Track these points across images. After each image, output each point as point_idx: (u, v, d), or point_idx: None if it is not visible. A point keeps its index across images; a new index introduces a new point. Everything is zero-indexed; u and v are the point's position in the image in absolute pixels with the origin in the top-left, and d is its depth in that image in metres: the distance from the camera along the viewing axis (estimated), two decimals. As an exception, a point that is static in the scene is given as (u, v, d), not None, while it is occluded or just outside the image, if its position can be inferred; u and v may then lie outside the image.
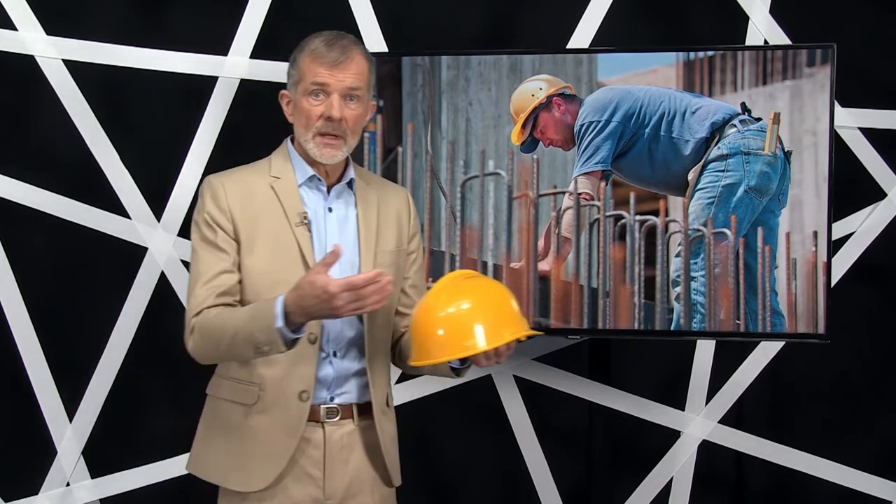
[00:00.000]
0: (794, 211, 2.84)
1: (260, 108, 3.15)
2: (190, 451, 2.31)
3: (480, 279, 2.15)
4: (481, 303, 2.04)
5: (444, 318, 2.02)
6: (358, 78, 2.16)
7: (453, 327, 2.01)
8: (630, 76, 2.87)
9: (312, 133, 2.16)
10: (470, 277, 2.12)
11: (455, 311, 2.02)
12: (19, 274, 3.18)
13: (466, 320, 2.01)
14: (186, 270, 3.16)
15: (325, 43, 2.15)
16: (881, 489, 3.24)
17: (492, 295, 2.08)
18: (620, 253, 2.87)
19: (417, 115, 2.91)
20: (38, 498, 3.22)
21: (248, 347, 2.05)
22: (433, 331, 2.02)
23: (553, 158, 2.88)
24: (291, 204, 2.18)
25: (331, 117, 2.14)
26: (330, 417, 2.19)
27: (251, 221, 2.16)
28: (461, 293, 2.05)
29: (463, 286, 2.07)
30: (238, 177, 2.22)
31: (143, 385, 3.23)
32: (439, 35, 3.18)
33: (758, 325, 2.85)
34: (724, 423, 3.25)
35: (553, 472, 3.26)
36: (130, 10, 3.19)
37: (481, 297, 2.06)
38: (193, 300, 2.14)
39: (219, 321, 2.08)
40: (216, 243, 2.16)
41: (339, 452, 2.20)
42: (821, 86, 2.82)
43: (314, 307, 1.98)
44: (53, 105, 3.14)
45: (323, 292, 1.94)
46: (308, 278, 1.97)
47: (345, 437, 2.20)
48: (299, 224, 2.17)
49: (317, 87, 2.15)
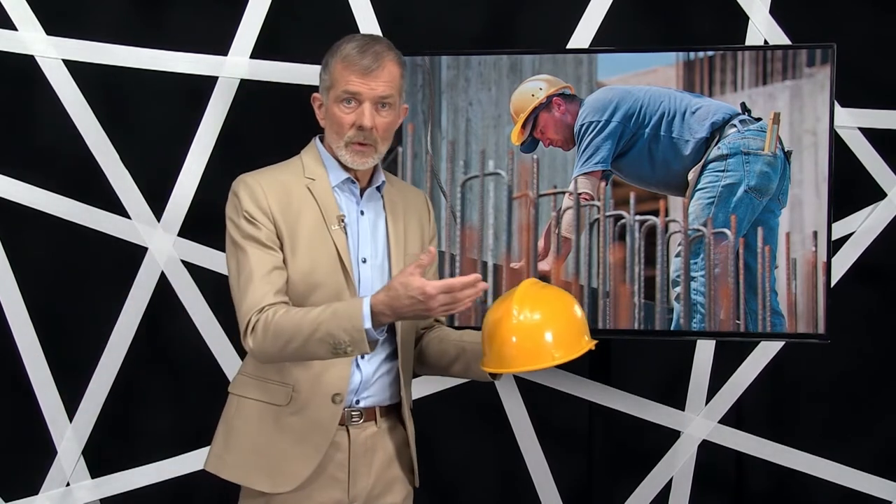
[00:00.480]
0: (794, 211, 2.84)
1: (260, 108, 3.16)
2: (209, 449, 2.27)
3: (551, 288, 2.15)
4: (558, 313, 2.06)
5: (526, 326, 2.02)
6: (389, 85, 2.16)
7: (533, 337, 2.02)
8: (630, 76, 2.87)
9: (344, 141, 2.16)
10: (543, 287, 2.12)
11: (535, 320, 2.02)
12: (19, 274, 3.18)
13: (543, 330, 2.02)
14: (187, 270, 3.18)
15: (357, 49, 2.15)
16: (881, 489, 3.24)
17: (565, 305, 2.09)
18: (620, 253, 2.87)
19: (417, 115, 2.91)
20: (38, 498, 3.22)
21: (324, 347, 2.03)
22: (508, 339, 2.02)
23: (553, 158, 2.88)
24: (329, 205, 2.18)
25: (362, 126, 2.14)
26: (354, 420, 2.20)
27: (291, 223, 2.16)
28: (539, 302, 2.05)
29: (540, 295, 2.07)
30: (273, 176, 2.20)
31: (143, 385, 3.23)
32: (439, 35, 3.18)
33: (758, 325, 2.85)
34: (724, 423, 3.25)
35: (553, 472, 3.26)
36: (130, 10, 3.19)
37: (557, 307, 2.07)
38: (251, 296, 2.10)
39: (292, 319, 2.05)
40: (262, 241, 2.13)
41: (364, 455, 2.21)
42: (821, 86, 2.82)
43: (408, 308, 1.98)
44: (53, 105, 3.14)
45: (420, 293, 1.95)
46: (401, 279, 1.97)
47: (369, 440, 2.21)
48: (336, 226, 2.17)
49: (348, 95, 2.15)
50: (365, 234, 2.22)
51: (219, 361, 3.18)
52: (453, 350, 2.26)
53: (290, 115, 3.06)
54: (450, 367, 2.28)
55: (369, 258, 2.21)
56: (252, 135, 3.17)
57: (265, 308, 2.09)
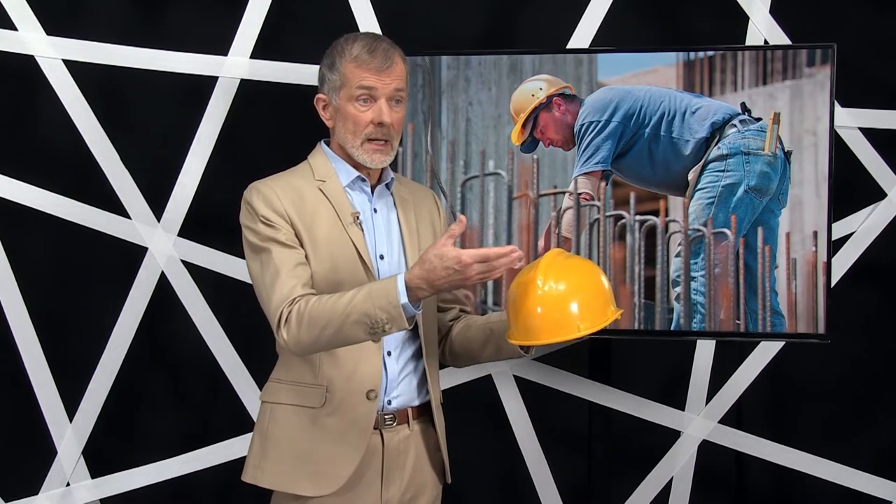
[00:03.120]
0: (794, 211, 2.84)
1: (260, 108, 3.16)
2: (246, 460, 2.26)
3: (577, 258, 2.12)
4: (583, 283, 2.03)
5: (551, 297, 1.99)
6: (401, 80, 2.19)
7: (559, 308, 1.99)
8: (630, 76, 2.87)
9: (361, 140, 2.17)
10: (568, 257, 2.09)
11: (560, 290, 2.00)
12: (19, 274, 3.18)
13: (568, 300, 2.00)
14: (187, 270, 3.18)
15: (366, 49, 2.16)
16: (881, 489, 3.24)
17: (591, 274, 2.06)
18: (620, 253, 2.87)
19: (417, 115, 2.91)
20: (38, 498, 3.22)
21: (361, 328, 2.01)
22: (533, 309, 2.00)
23: (553, 158, 2.88)
24: (342, 205, 2.19)
25: (382, 123, 2.15)
26: (388, 424, 2.19)
27: (307, 225, 2.16)
28: (565, 272, 2.02)
29: (565, 265, 2.04)
30: (284, 181, 2.21)
31: (143, 385, 3.23)
32: (439, 35, 3.18)
33: (758, 325, 2.85)
34: (724, 423, 3.24)
35: (553, 472, 3.26)
36: (130, 10, 3.19)
37: (583, 277, 2.04)
38: (280, 291, 2.09)
39: (325, 305, 2.03)
40: (281, 240, 2.13)
41: (397, 458, 2.21)
42: (821, 86, 2.82)
43: (444, 279, 1.97)
44: (53, 105, 3.14)
45: (456, 263, 1.94)
46: (436, 251, 1.96)
47: (402, 443, 2.22)
48: (352, 224, 2.17)
49: (364, 93, 2.15)
50: (380, 231, 2.23)
51: (219, 361, 3.18)
52: (481, 335, 2.26)
53: (290, 115, 3.06)
54: (482, 353, 2.28)
55: (386, 254, 2.22)
56: (252, 135, 3.17)
57: (296, 300, 2.08)
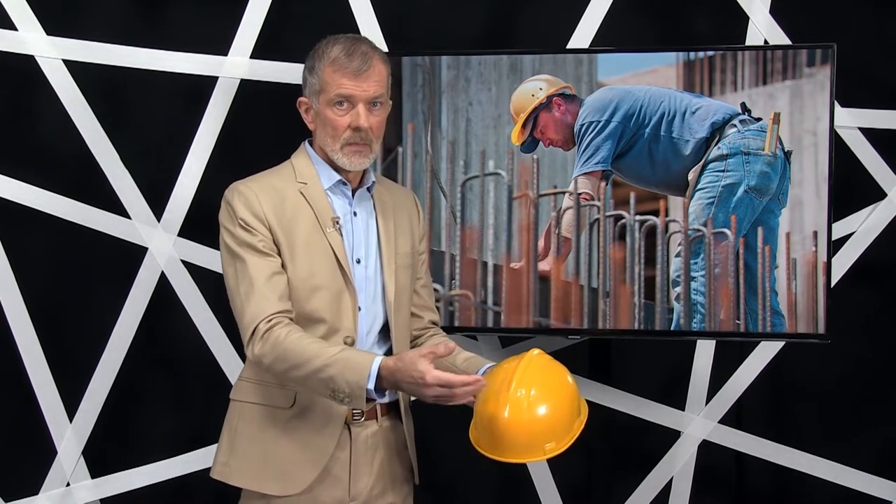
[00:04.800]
0: (794, 211, 2.84)
1: (260, 108, 3.16)
2: (215, 457, 2.28)
3: (548, 367, 2.12)
4: (554, 404, 2.05)
5: (521, 421, 2.00)
6: (380, 84, 2.17)
7: (529, 431, 2.01)
8: (630, 76, 2.87)
9: (340, 144, 2.17)
10: (541, 367, 2.09)
11: (534, 416, 2.02)
12: (19, 274, 3.17)
13: (542, 426, 2.03)
14: (187, 270, 3.18)
15: (344, 52, 2.15)
16: (881, 489, 3.24)
17: (563, 389, 2.09)
18: (620, 253, 2.87)
19: (417, 115, 2.91)
20: (38, 498, 3.22)
21: (324, 388, 2.04)
22: (503, 433, 2.00)
23: (553, 158, 2.88)
24: (323, 209, 2.19)
25: (359, 128, 2.15)
26: (356, 419, 2.20)
27: (287, 228, 2.16)
28: (538, 389, 2.03)
29: (537, 378, 2.05)
30: (265, 183, 2.21)
31: (143, 385, 3.23)
32: (439, 35, 3.18)
33: (758, 325, 2.85)
34: (724, 423, 3.24)
35: (553, 472, 3.26)
36: (130, 10, 3.18)
37: (555, 393, 2.06)
38: (255, 305, 2.10)
39: (305, 348, 2.05)
40: (258, 248, 2.14)
41: (366, 453, 2.21)
42: (821, 86, 2.82)
43: (406, 384, 1.99)
44: (53, 105, 3.14)
45: (420, 377, 1.95)
46: (412, 356, 1.98)
47: (370, 438, 2.22)
48: (332, 228, 2.17)
49: (341, 98, 2.15)
50: (359, 235, 2.23)
51: (219, 361, 3.18)
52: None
53: (290, 115, 3.03)
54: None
55: (363, 258, 2.22)
56: (252, 135, 3.17)
57: (273, 318, 2.09)
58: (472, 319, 2.88)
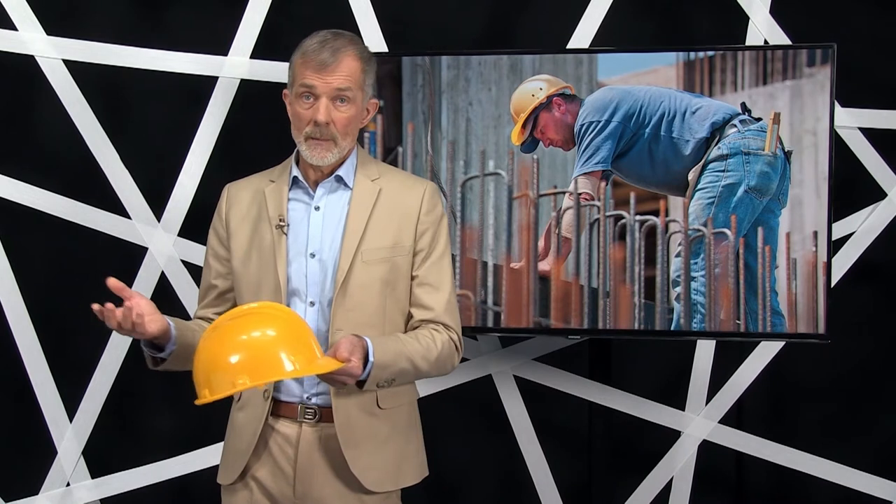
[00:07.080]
0: (794, 211, 2.84)
1: (260, 108, 3.16)
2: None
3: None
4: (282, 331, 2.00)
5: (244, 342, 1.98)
6: (347, 79, 2.13)
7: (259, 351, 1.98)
8: (630, 76, 2.87)
9: (304, 136, 2.17)
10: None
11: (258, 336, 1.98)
12: (19, 274, 3.18)
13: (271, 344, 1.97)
14: (187, 270, 3.19)
15: (317, 43, 2.15)
16: (881, 489, 3.24)
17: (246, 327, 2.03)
18: (620, 253, 2.87)
19: (417, 115, 2.91)
20: (38, 498, 3.22)
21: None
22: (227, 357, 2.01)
23: (553, 158, 2.88)
24: (274, 207, 2.22)
25: (317, 122, 2.14)
26: (308, 417, 2.19)
27: (244, 228, 2.24)
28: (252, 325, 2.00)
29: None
30: (250, 182, 2.30)
31: (143, 385, 3.23)
32: (439, 35, 3.18)
33: (758, 325, 2.85)
34: (724, 423, 3.24)
35: (553, 472, 3.26)
36: (130, 10, 3.19)
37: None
38: (198, 301, 2.37)
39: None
40: (213, 253, 2.29)
41: (311, 454, 2.18)
42: (821, 86, 2.82)
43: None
44: (53, 105, 3.14)
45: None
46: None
47: (322, 440, 2.18)
48: (277, 227, 2.20)
49: (305, 90, 2.15)
50: (315, 230, 2.20)
51: (219, 361, 3.18)
52: None
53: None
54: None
55: (318, 252, 2.19)
56: (252, 135, 3.17)
57: (195, 317, 2.34)
58: (472, 319, 2.88)
